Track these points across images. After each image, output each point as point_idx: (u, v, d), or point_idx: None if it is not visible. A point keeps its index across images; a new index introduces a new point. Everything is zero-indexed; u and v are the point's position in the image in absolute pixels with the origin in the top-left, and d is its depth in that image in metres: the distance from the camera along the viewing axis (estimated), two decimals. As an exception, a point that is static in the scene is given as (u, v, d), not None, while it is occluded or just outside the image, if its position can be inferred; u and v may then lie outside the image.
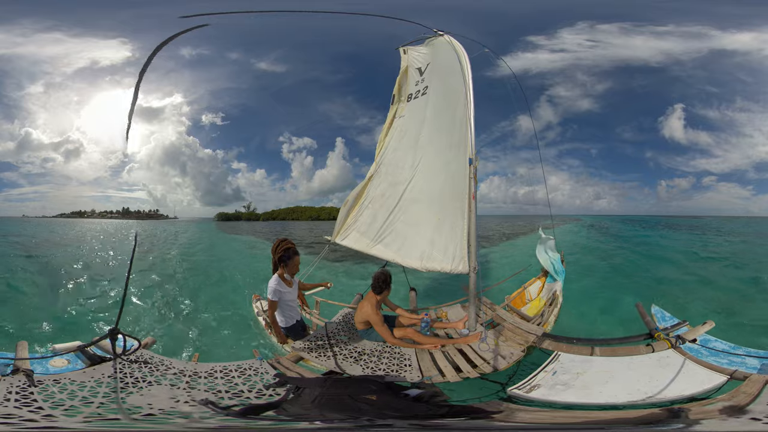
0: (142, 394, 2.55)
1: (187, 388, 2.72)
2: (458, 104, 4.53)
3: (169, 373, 2.97)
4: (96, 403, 2.31)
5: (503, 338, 3.84)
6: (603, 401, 2.64)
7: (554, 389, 2.84)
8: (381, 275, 4.00)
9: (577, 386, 2.86)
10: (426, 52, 5.47)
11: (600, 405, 2.62)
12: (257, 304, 5.50)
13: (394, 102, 5.87)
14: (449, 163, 4.53)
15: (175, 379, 2.86)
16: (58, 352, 3.06)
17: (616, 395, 2.69)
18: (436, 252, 4.52)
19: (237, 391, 2.70)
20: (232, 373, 3.04)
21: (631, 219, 68.83)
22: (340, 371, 3.27)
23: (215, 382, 2.85)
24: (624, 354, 3.36)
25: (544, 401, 2.73)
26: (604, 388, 2.82)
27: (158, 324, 6.69)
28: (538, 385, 2.92)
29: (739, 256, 14.56)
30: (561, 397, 2.74)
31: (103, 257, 16.20)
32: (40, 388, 2.43)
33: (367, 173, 5.81)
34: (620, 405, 2.59)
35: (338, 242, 5.90)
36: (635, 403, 2.58)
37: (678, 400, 2.56)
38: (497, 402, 2.76)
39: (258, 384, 2.83)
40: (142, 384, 2.71)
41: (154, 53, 2.54)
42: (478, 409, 2.52)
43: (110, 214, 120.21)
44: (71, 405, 2.25)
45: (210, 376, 2.98)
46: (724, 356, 3.16)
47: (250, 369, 3.13)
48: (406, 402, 2.50)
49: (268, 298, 3.98)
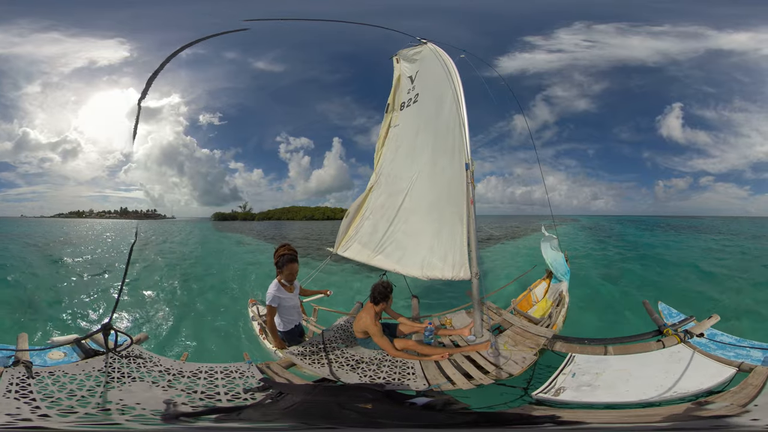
0: (122, 389, 2.55)
1: (167, 386, 2.71)
2: (449, 110, 4.55)
3: (154, 370, 2.97)
4: (78, 396, 2.32)
5: (513, 342, 3.78)
6: (636, 399, 2.64)
7: (581, 390, 2.82)
8: (379, 286, 3.91)
9: (602, 386, 2.86)
10: (415, 59, 5.56)
11: (636, 403, 2.62)
12: (253, 309, 5.43)
13: (388, 111, 5.93)
14: (444, 169, 4.53)
15: (158, 377, 2.84)
16: (56, 345, 3.10)
17: (645, 392, 2.69)
18: (435, 260, 4.49)
19: (213, 392, 2.65)
20: (216, 375, 3.00)
21: (629, 219, 68.87)
22: (333, 379, 3.16)
23: (196, 383, 2.81)
24: (636, 351, 3.38)
25: (578, 403, 2.70)
26: (628, 386, 2.83)
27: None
28: (562, 388, 2.89)
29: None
30: (592, 398, 2.72)
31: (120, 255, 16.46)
32: (37, 380, 2.48)
33: (364, 173, 5.95)
34: (656, 402, 2.59)
35: (340, 254, 5.91)
36: (665, 398, 2.60)
37: (700, 394, 2.59)
38: (529, 407, 2.69)
39: (237, 387, 2.76)
40: (126, 380, 2.71)
41: (176, 52, 2.68)
42: (526, 416, 2.42)
43: (108, 214, 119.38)
44: (58, 398, 2.27)
45: (193, 376, 2.95)
46: (730, 349, 3.24)
47: (236, 372, 3.07)
48: (411, 410, 2.40)
49: (267, 304, 3.90)
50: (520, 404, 2.81)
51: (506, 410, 2.66)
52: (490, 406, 2.80)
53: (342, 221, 6.11)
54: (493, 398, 2.99)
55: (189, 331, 6.53)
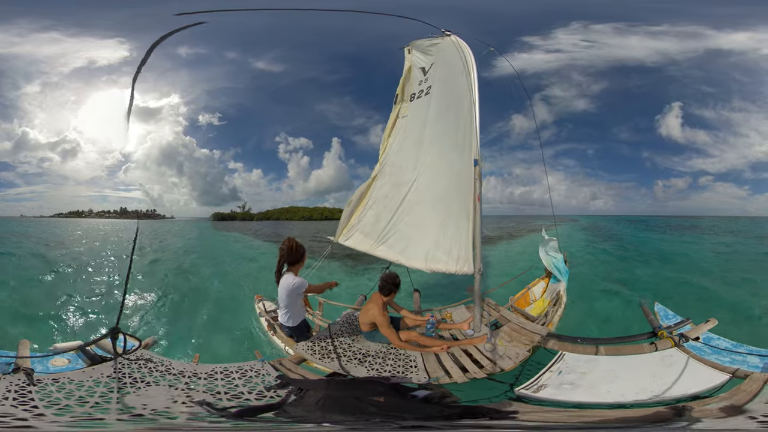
0: (139, 394, 2.55)
1: (186, 389, 2.71)
2: (463, 105, 4.52)
3: (168, 373, 2.97)
4: (91, 403, 2.32)
5: (508, 338, 3.86)
6: (611, 400, 2.66)
7: (561, 389, 2.86)
8: (389, 276, 3.98)
9: (584, 386, 2.88)
10: (431, 51, 5.47)
11: (608, 404, 2.64)
12: (260, 305, 5.47)
13: (397, 102, 5.85)
14: (453, 163, 4.52)
15: (174, 380, 2.85)
16: (59, 351, 3.05)
17: (623, 394, 2.71)
18: (440, 253, 4.51)
19: (237, 392, 2.69)
20: (232, 375, 3.03)
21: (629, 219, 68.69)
22: (344, 373, 3.25)
23: (215, 384, 2.84)
24: (628, 353, 3.40)
25: (553, 401, 2.75)
26: (611, 387, 2.85)
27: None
28: (545, 385, 2.94)
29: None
30: (569, 397, 2.76)
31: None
32: (39, 387, 2.44)
33: (363, 173, 5.92)
34: (628, 404, 2.61)
35: (342, 242, 5.87)
36: (642, 401, 2.60)
37: (682, 399, 2.58)
38: (507, 402, 2.77)
39: (259, 385, 2.82)
40: (141, 384, 2.70)
41: (149, 52, 2.51)
42: (492, 410, 2.52)
43: (108, 213, 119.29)
44: (66, 404, 2.25)
45: (210, 377, 2.97)
46: (727, 354, 3.16)
47: (251, 370, 3.12)
48: (414, 403, 2.49)
49: (307, 288, 4.02)
50: (501, 399, 2.88)
51: (484, 405, 2.72)
52: (475, 400, 2.87)
53: (344, 209, 6.08)
54: (482, 392, 3.06)
55: (194, 331, 6.46)
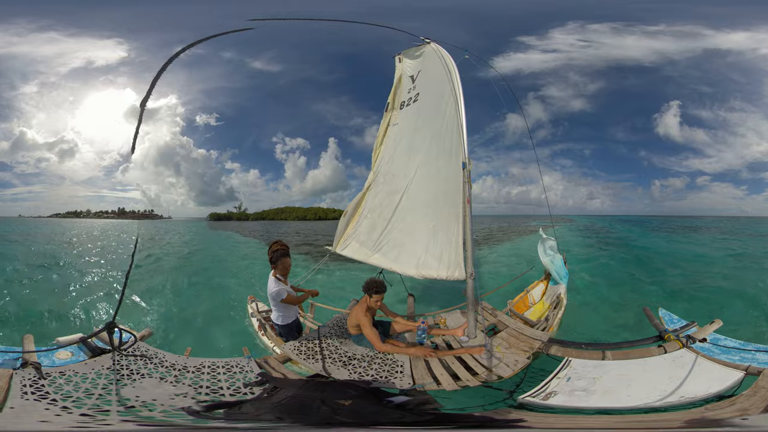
0: (134, 386, 2.62)
1: (174, 382, 2.78)
2: (448, 110, 4.51)
3: (161, 366, 3.04)
4: (96, 395, 2.39)
5: (506, 345, 3.72)
6: (639, 404, 2.56)
7: (574, 395, 2.75)
8: (372, 279, 3.95)
9: (600, 391, 2.78)
10: (418, 59, 5.51)
11: (636, 408, 2.55)
12: (252, 305, 5.51)
13: (388, 110, 5.88)
14: (441, 169, 4.49)
15: (165, 373, 2.91)
16: (62, 345, 3.13)
17: (648, 397, 2.61)
18: (431, 259, 4.45)
19: (216, 387, 2.74)
20: (218, 370, 3.08)
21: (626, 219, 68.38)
22: (325, 374, 3.22)
23: (200, 378, 2.89)
24: (637, 357, 3.31)
25: (566, 408, 2.63)
26: (630, 391, 2.75)
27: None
28: (554, 392, 2.81)
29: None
30: (585, 403, 2.65)
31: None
32: (50, 380, 2.50)
33: (359, 173, 5.92)
34: (660, 407, 2.52)
35: (339, 252, 5.87)
36: (671, 404, 2.54)
37: (709, 399, 2.53)
38: (506, 410, 2.65)
39: (238, 382, 2.85)
40: (136, 376, 2.77)
41: (186, 48, 2.66)
42: (487, 418, 2.40)
43: (105, 214, 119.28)
44: (77, 396, 2.32)
45: (197, 371, 3.02)
46: (736, 353, 3.16)
47: (236, 366, 3.17)
48: (386, 409, 2.40)
49: (284, 298, 3.97)
50: (498, 407, 2.78)
51: (474, 413, 2.63)
52: (462, 408, 2.77)
53: (340, 219, 6.08)
54: (475, 400, 2.94)
55: (191, 326, 6.52)
